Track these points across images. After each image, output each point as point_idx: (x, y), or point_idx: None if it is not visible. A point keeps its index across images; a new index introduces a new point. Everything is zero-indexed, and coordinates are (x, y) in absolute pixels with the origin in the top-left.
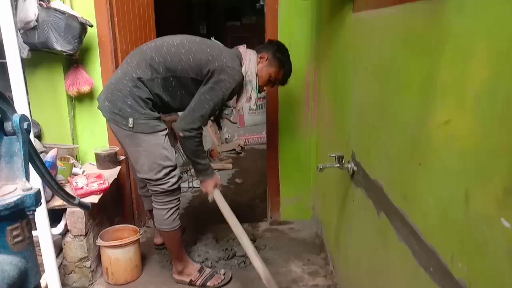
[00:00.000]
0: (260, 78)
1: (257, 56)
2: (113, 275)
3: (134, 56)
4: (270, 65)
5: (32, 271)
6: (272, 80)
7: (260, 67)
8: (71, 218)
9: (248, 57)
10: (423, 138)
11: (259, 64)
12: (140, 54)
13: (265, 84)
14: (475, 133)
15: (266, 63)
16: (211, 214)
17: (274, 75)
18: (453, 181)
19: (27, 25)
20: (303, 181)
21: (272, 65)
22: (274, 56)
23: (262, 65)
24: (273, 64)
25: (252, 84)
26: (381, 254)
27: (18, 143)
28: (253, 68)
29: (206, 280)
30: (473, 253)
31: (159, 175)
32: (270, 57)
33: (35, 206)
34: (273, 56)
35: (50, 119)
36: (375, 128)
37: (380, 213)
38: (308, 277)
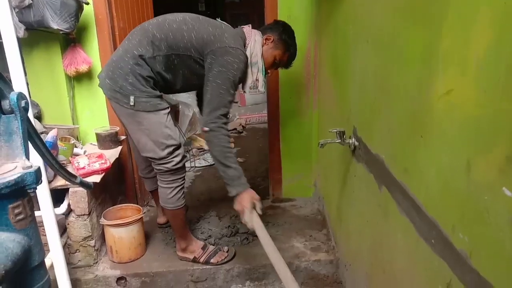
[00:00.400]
0: (265, 60)
1: (263, 37)
2: (117, 253)
3: (136, 33)
4: (275, 47)
5: (36, 248)
6: (276, 63)
7: (266, 48)
8: (73, 198)
9: (253, 38)
10: (425, 109)
11: (265, 46)
12: (142, 31)
13: (270, 66)
14: (477, 102)
15: (272, 45)
16: (213, 193)
17: (279, 57)
18: (454, 152)
19: (22, 3)
20: (305, 158)
21: (277, 47)
22: (280, 38)
23: (267, 46)
24: (278, 46)
25: (258, 65)
26: (382, 227)
27: (16, 121)
28: (258, 50)
29: (210, 257)
30: (474, 223)
31: (163, 153)
32: (276, 38)
33: (36, 184)
34: (279, 38)
35: (50, 100)
36: (376, 101)
37: (382, 187)
38: (310, 252)
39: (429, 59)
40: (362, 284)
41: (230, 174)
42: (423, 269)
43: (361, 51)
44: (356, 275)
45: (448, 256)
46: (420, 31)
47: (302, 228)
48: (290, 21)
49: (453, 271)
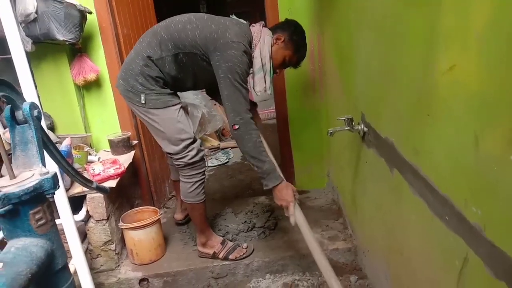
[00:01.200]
0: (274, 61)
1: (273, 37)
2: (138, 255)
3: (146, 35)
4: (285, 47)
5: (58, 252)
6: (286, 63)
7: (275, 48)
8: (91, 204)
9: (262, 38)
10: (429, 88)
11: (274, 46)
12: (151, 33)
13: (278, 66)
14: (480, 75)
15: (282, 45)
16: (227, 191)
17: (289, 58)
18: (462, 127)
19: (28, 18)
20: (316, 149)
21: (287, 48)
22: (291, 39)
23: (277, 46)
24: (289, 46)
25: (266, 68)
26: (396, 210)
27: (30, 130)
28: (267, 52)
29: (229, 253)
30: (486, 196)
31: (177, 148)
32: (287, 39)
33: (54, 189)
34: (289, 38)
35: (61, 110)
36: (382, 85)
37: (393, 170)
38: (328, 242)
39: (431, 38)
40: (381, 269)
41: (264, 168)
42: (439, 247)
43: (364, 38)
44: (374, 260)
45: (463, 230)
46: (420, 11)
47: (318, 218)
48: (291, 14)
49: (469, 245)
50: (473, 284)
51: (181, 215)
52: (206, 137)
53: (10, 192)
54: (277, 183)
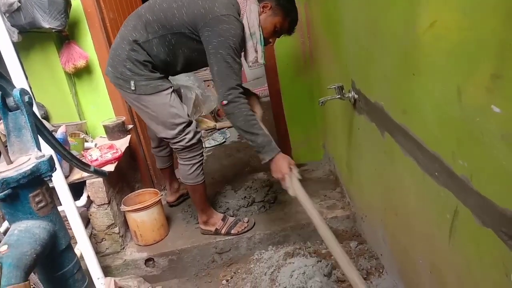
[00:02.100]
0: (264, 30)
1: (259, 5)
2: (142, 236)
3: (131, 19)
4: (274, 14)
5: (61, 232)
6: (277, 31)
7: (264, 17)
8: (92, 189)
9: (248, 7)
10: (413, 47)
11: (262, 14)
12: (136, 16)
13: (270, 35)
14: (460, 26)
15: (270, 12)
16: (226, 169)
17: (280, 24)
18: (445, 81)
19: (11, 8)
20: (310, 122)
21: (276, 14)
22: (278, 4)
23: (265, 15)
24: (277, 12)
25: (256, 36)
26: (390, 172)
27: (23, 116)
28: (255, 19)
29: (231, 228)
30: (471, 147)
31: (173, 132)
32: (274, 5)
33: (51, 172)
34: (277, 4)
35: (54, 99)
36: (370, 50)
37: (384, 133)
38: (326, 211)
39: None
40: (379, 231)
41: (259, 141)
42: (431, 203)
43: (349, 3)
44: (372, 224)
45: (452, 184)
46: None
47: (317, 189)
48: None
49: (458, 197)
50: (463, 235)
51: (173, 197)
52: (201, 119)
53: (8, 176)
54: (273, 156)
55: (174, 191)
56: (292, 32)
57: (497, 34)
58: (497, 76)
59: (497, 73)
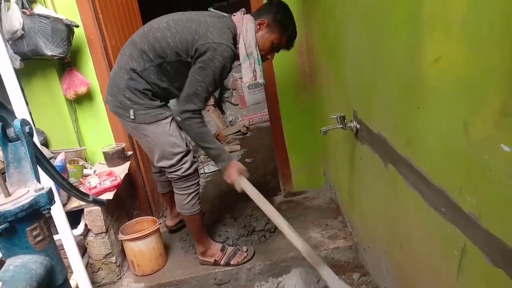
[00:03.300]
0: (261, 47)
1: (255, 23)
2: (140, 266)
3: (127, 47)
4: (271, 31)
5: (58, 267)
6: (275, 47)
7: (260, 34)
8: (89, 217)
9: (244, 26)
10: (418, 81)
11: (259, 32)
12: (131, 44)
13: (267, 52)
14: (465, 61)
15: (267, 30)
16: (226, 196)
17: (277, 41)
18: (451, 115)
19: (14, 35)
20: (311, 149)
21: (273, 31)
22: (275, 20)
23: (262, 32)
24: (274, 29)
25: (253, 56)
26: (393, 204)
27: (23, 147)
28: (252, 38)
29: (230, 258)
30: (479, 184)
31: (171, 162)
32: (270, 22)
33: (50, 205)
34: (273, 21)
35: (54, 126)
36: (372, 80)
37: (387, 164)
38: (328, 241)
39: (415, 28)
40: (383, 263)
41: (212, 153)
42: (437, 238)
43: (350, 33)
44: (375, 256)
45: (459, 220)
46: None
47: (317, 218)
48: None
49: (466, 234)
50: (473, 273)
51: (172, 222)
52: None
53: (6, 210)
54: (225, 165)
55: (174, 216)
56: (290, 47)
57: (504, 69)
58: (506, 114)
59: (506, 110)
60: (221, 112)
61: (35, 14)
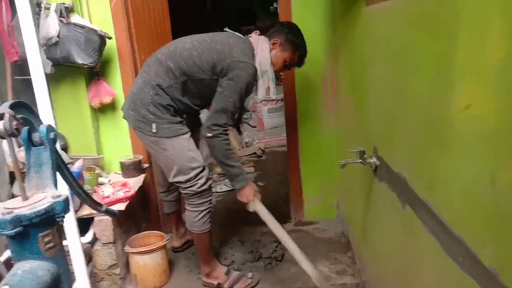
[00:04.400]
0: (275, 65)
1: (269, 42)
2: (142, 281)
3: (151, 64)
4: (283, 50)
5: (64, 276)
6: (287, 65)
7: (274, 53)
8: (99, 227)
9: (260, 46)
10: (445, 125)
11: (273, 51)
12: (156, 62)
13: (280, 69)
14: (497, 112)
15: (279, 49)
16: (236, 218)
17: (289, 59)
18: (477, 165)
19: (49, 41)
20: (326, 179)
21: (285, 50)
22: (287, 40)
23: (275, 51)
24: (286, 48)
25: (268, 74)
26: (408, 248)
27: (46, 153)
28: (267, 57)
29: (234, 284)
30: (502, 238)
31: (188, 176)
32: (283, 41)
33: (65, 213)
34: (285, 40)
35: (75, 132)
36: (395, 119)
37: (405, 206)
38: (335, 276)
39: (446, 73)
40: None
41: (233, 172)
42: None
43: (377, 69)
44: None
45: (477, 273)
46: (434, 43)
47: (327, 251)
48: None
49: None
50: None
51: (178, 243)
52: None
53: (22, 214)
54: (243, 185)
55: (180, 236)
56: (301, 65)
57: None
58: None
59: None
60: (239, 132)
61: (71, 23)
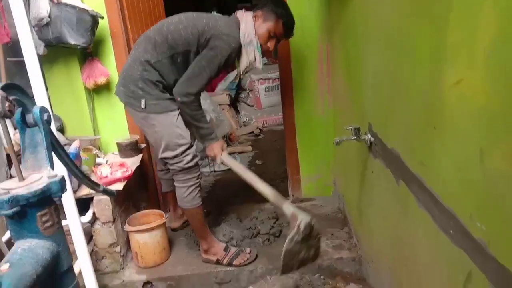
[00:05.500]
0: (259, 37)
1: (252, 15)
2: (143, 258)
3: (140, 42)
4: (265, 20)
5: (64, 254)
6: (272, 35)
7: (257, 25)
8: (98, 206)
9: (244, 20)
10: (436, 101)
11: (256, 23)
12: (145, 39)
13: (266, 40)
14: (487, 90)
15: (262, 19)
16: (233, 196)
17: (273, 28)
18: (468, 141)
19: (41, 22)
20: (323, 157)
21: (267, 19)
22: (268, 10)
23: (258, 22)
24: (268, 18)
25: (252, 44)
26: (402, 222)
27: (40, 133)
28: (250, 29)
29: (232, 259)
30: (491, 212)
31: (175, 152)
32: (264, 12)
33: (61, 192)
34: (266, 10)
35: (71, 113)
36: (390, 96)
37: (399, 181)
38: (332, 250)
39: (438, 51)
40: (386, 280)
41: (203, 132)
42: (444, 261)
43: (371, 48)
44: (379, 271)
45: (467, 245)
46: (427, 24)
47: (323, 226)
48: (301, 21)
49: (473, 260)
50: None
51: (177, 223)
52: None
53: (19, 194)
54: (212, 143)
55: (178, 217)
56: (289, 36)
57: None
58: None
59: None
60: (236, 111)
61: (62, 3)
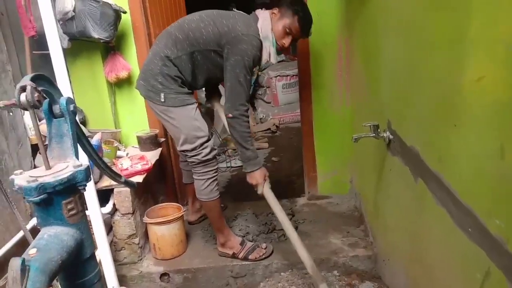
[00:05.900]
0: (276, 33)
1: (270, 12)
2: (160, 250)
3: (161, 37)
4: (282, 16)
5: (87, 242)
6: (289, 32)
7: (274, 21)
8: (118, 198)
9: (262, 16)
10: (457, 98)
11: (273, 19)
12: (166, 35)
13: (282, 36)
14: (508, 86)
15: (278, 15)
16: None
17: (289, 25)
18: (488, 138)
19: (65, 16)
20: (340, 155)
21: (284, 16)
22: (285, 7)
23: (275, 19)
24: (285, 14)
25: (268, 39)
26: (418, 219)
27: (66, 124)
28: (267, 25)
29: (248, 253)
30: (510, 209)
31: (193, 145)
32: (282, 9)
33: (86, 181)
34: (283, 7)
35: (93, 106)
36: (409, 92)
37: (417, 179)
38: (348, 248)
39: (458, 46)
40: (401, 278)
41: (247, 154)
42: (460, 258)
43: (391, 43)
44: (394, 269)
45: (485, 243)
46: (448, 17)
47: (339, 224)
48: (319, 17)
49: (491, 258)
50: None
51: (194, 217)
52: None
53: (46, 182)
54: (254, 169)
55: (195, 211)
56: (307, 35)
57: None
58: None
59: None
60: (253, 108)
61: None
